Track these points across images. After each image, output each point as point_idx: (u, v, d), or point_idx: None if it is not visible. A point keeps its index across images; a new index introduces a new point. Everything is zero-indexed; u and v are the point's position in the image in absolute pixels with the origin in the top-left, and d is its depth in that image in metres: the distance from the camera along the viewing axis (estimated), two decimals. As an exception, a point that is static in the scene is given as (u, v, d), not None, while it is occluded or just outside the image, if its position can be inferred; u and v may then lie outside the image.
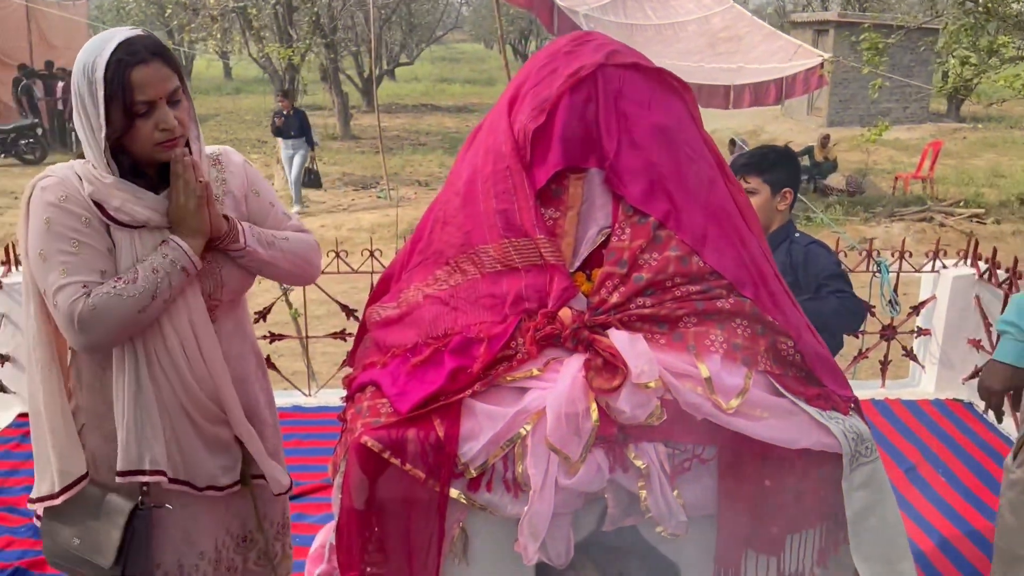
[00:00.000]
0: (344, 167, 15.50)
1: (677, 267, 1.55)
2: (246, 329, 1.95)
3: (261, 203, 1.92)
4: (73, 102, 1.66)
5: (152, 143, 1.67)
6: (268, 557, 2.07)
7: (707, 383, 1.48)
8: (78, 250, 1.65)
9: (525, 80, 1.67)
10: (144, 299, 1.65)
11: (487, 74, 32.99)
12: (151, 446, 1.74)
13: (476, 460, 1.49)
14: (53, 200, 1.65)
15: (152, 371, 1.74)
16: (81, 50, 1.66)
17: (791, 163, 2.67)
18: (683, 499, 1.51)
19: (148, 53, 1.63)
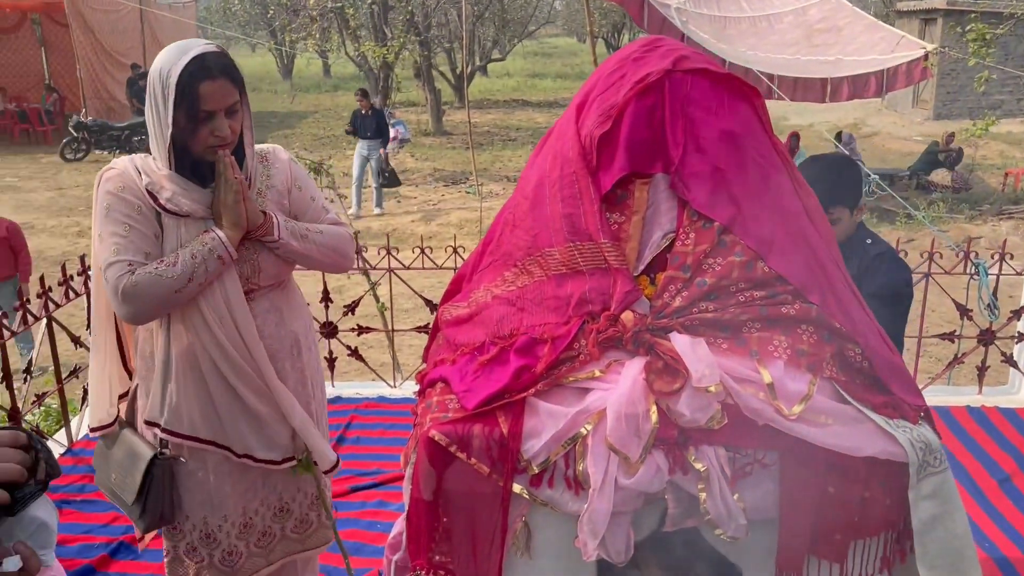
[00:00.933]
0: (435, 163, 15.78)
1: (741, 272, 1.56)
2: (284, 314, 2.12)
3: (303, 197, 2.13)
4: (147, 101, 1.89)
5: (205, 145, 1.90)
6: (303, 525, 2.24)
7: (769, 388, 1.48)
8: (128, 233, 1.89)
9: (594, 87, 1.70)
10: (181, 281, 1.87)
11: (579, 68, 32.88)
12: (175, 408, 1.99)
13: (538, 457, 1.53)
14: (112, 189, 1.90)
15: (190, 343, 1.97)
16: (160, 55, 1.89)
17: (855, 174, 2.58)
18: (744, 503, 1.51)
19: (217, 70, 1.86)
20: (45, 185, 13.76)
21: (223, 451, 2.03)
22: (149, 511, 2.00)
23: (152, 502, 2.00)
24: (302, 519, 2.22)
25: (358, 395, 4.42)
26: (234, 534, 2.10)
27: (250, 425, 2.04)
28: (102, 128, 15.44)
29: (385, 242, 4.41)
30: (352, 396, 4.40)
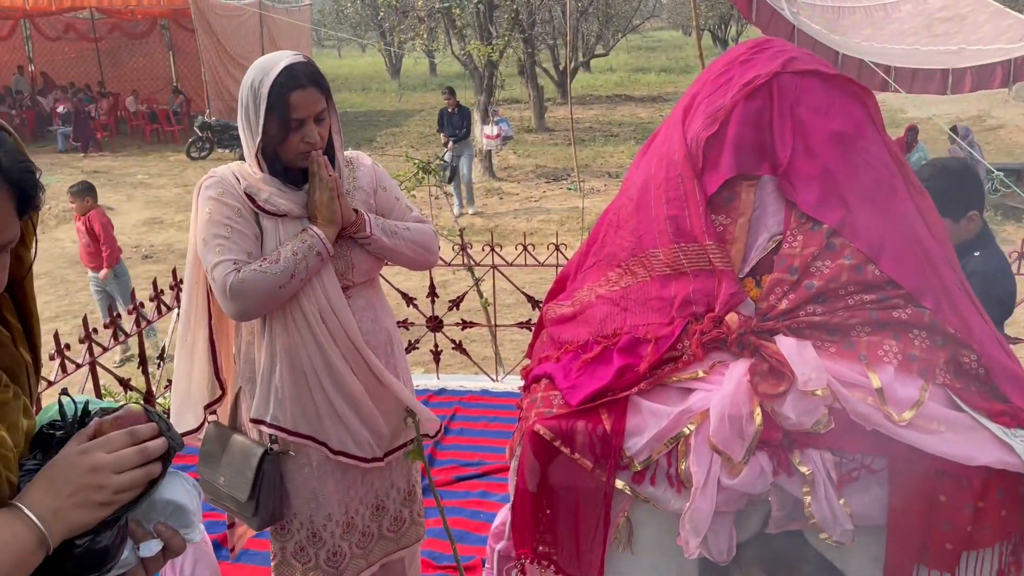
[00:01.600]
0: (537, 159, 15.86)
1: (851, 275, 1.54)
2: (378, 312, 2.20)
3: (387, 197, 2.22)
4: (239, 110, 2.00)
5: (296, 152, 1.99)
6: (397, 523, 2.31)
7: (878, 393, 1.47)
8: (231, 235, 1.98)
9: (700, 89, 1.71)
10: (284, 277, 1.95)
11: (683, 62, 32.33)
12: (279, 404, 2.08)
13: (640, 455, 1.56)
14: (213, 195, 2.00)
15: (290, 341, 2.05)
16: (251, 67, 2.00)
17: (967, 182, 2.43)
18: (850, 508, 1.50)
19: (306, 79, 1.95)
20: (173, 182, 14.61)
21: (320, 447, 2.11)
22: (262, 507, 2.08)
23: (264, 499, 2.08)
24: (396, 516, 2.30)
25: (462, 387, 4.54)
26: (338, 534, 2.18)
27: (348, 422, 2.11)
28: (224, 128, 16.24)
29: (489, 238, 4.51)
30: (456, 388, 4.52)
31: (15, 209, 0.98)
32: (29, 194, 0.99)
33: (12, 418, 1.04)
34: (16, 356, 1.09)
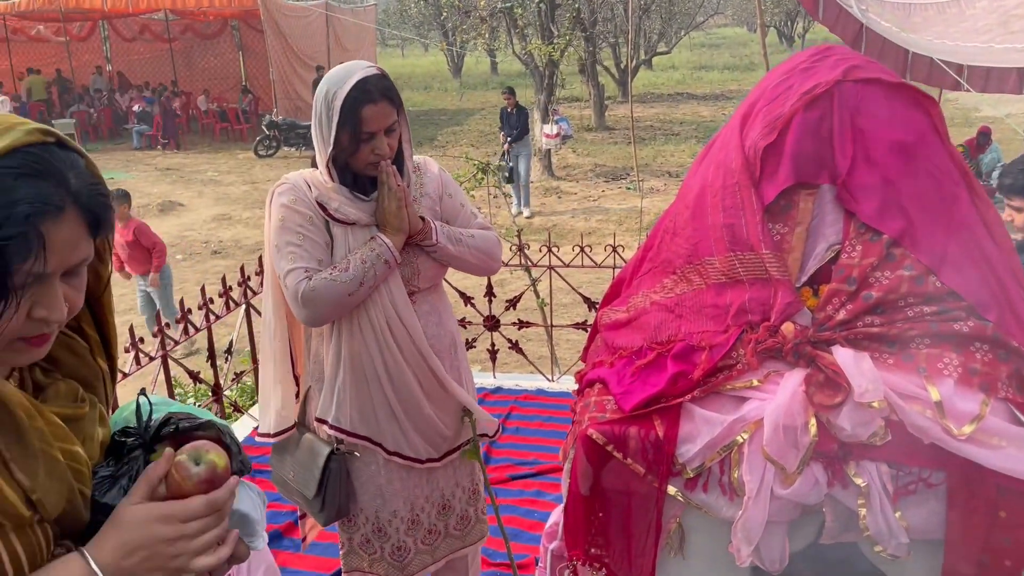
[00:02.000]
0: (596, 158, 15.82)
1: (911, 287, 1.52)
2: (442, 315, 2.25)
3: (453, 204, 2.25)
4: (312, 119, 2.06)
5: (366, 163, 2.04)
6: (463, 522, 2.35)
7: (937, 407, 1.45)
8: (302, 242, 2.04)
9: (759, 97, 1.71)
10: (353, 285, 2.01)
11: (747, 59, 31.81)
12: (340, 405, 2.15)
13: (693, 462, 1.57)
14: (286, 203, 2.05)
15: (355, 345, 2.11)
16: (325, 77, 2.05)
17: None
18: (906, 521, 1.49)
19: (378, 94, 2.00)
20: (241, 179, 15.01)
21: (376, 448, 2.17)
22: (328, 504, 2.16)
23: (331, 496, 2.15)
24: (462, 515, 2.35)
25: (518, 387, 4.58)
26: (403, 530, 2.25)
27: (404, 426, 2.17)
28: (291, 126, 16.62)
29: (546, 238, 4.53)
30: (512, 387, 4.57)
31: (87, 230, 1.00)
32: (100, 217, 1.01)
33: (88, 431, 1.08)
34: (93, 367, 1.13)
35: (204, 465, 1.05)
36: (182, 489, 1.03)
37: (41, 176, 0.94)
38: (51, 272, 0.96)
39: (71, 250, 0.97)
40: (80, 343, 1.12)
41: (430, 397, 2.17)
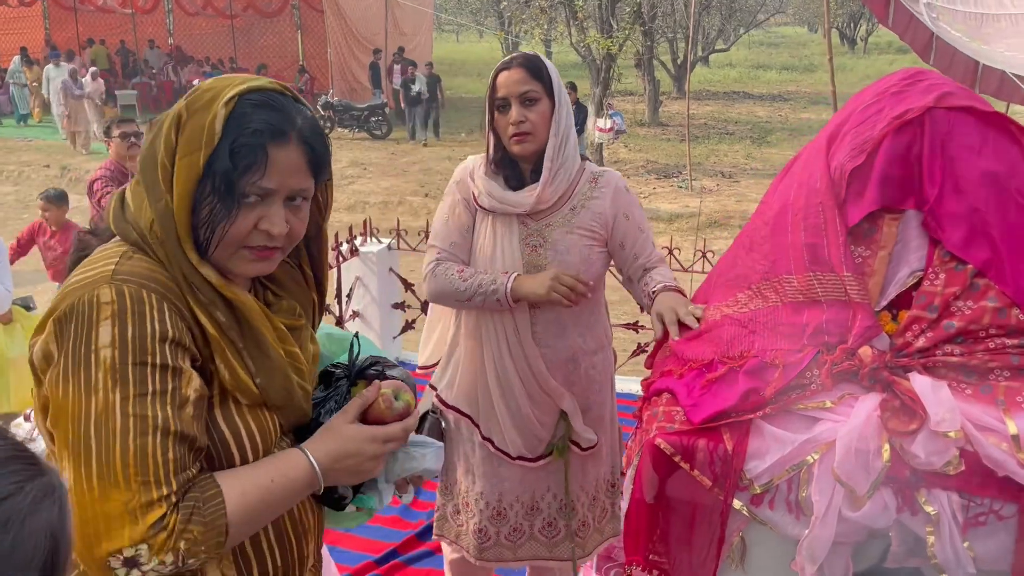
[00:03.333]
0: (648, 154, 15.72)
1: (993, 318, 1.52)
2: (567, 328, 2.24)
3: (630, 227, 2.23)
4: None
5: (508, 135, 2.13)
6: (550, 528, 2.36)
7: (1014, 440, 1.45)
8: (447, 221, 2.23)
9: (848, 118, 1.71)
10: (463, 296, 2.15)
11: (807, 60, 31.26)
12: (451, 379, 2.31)
13: (761, 478, 1.59)
14: (453, 181, 2.26)
15: (470, 335, 2.26)
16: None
17: None
18: (974, 551, 1.49)
19: (516, 62, 2.12)
20: (294, 158, 15.18)
21: (474, 428, 2.28)
22: None
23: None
24: (549, 521, 2.36)
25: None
26: (487, 515, 2.31)
27: (506, 421, 2.25)
28: (345, 108, 16.79)
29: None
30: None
31: (308, 165, 1.20)
32: (320, 157, 1.21)
33: (304, 341, 1.32)
34: (309, 297, 1.38)
35: (402, 401, 1.30)
36: (382, 417, 1.28)
37: (273, 109, 1.17)
38: (274, 190, 1.17)
39: (291, 175, 1.18)
40: (300, 276, 1.37)
41: (533, 400, 2.23)
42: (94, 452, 1.06)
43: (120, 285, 1.11)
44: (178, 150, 1.15)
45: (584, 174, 2.23)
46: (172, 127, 1.16)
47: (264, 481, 1.16)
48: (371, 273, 4.81)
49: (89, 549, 1.04)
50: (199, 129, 1.14)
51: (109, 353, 1.08)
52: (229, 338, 1.18)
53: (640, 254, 2.24)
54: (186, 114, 1.16)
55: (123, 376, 1.08)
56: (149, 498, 1.05)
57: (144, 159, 1.20)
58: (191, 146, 1.14)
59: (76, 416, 1.07)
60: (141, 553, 1.04)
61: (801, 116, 20.00)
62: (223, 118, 1.14)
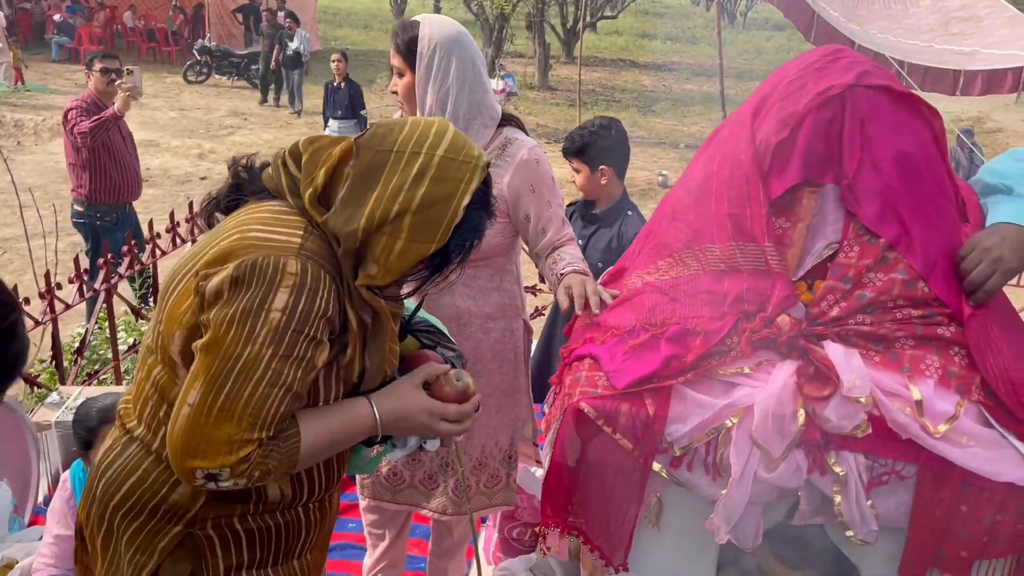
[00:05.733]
0: (538, 117, 15.76)
1: (902, 290, 1.60)
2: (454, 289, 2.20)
3: (535, 200, 2.20)
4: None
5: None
6: (431, 483, 2.38)
7: (917, 405, 1.54)
8: None
9: (771, 92, 1.74)
10: None
11: (690, 32, 32.00)
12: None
13: (681, 441, 1.63)
14: None
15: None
16: (446, 26, 2.18)
17: (606, 139, 2.71)
18: (876, 510, 1.58)
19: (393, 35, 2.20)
20: (168, 105, 14.36)
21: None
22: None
23: None
24: (431, 475, 2.38)
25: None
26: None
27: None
28: (224, 54, 15.96)
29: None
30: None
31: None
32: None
33: (395, 337, 1.54)
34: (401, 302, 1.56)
35: (462, 383, 1.50)
36: (443, 393, 1.47)
37: (485, 210, 1.42)
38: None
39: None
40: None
41: None
42: (227, 388, 1.24)
43: (305, 262, 1.28)
44: (407, 232, 1.31)
45: (496, 141, 2.18)
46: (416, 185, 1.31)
47: (335, 427, 1.37)
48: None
49: (183, 458, 1.26)
50: (435, 223, 1.32)
51: (278, 317, 1.25)
52: (363, 333, 1.38)
53: (548, 229, 2.20)
54: (428, 194, 1.32)
55: (280, 338, 1.26)
56: (249, 437, 1.25)
57: (362, 184, 1.33)
58: (424, 236, 1.32)
59: (228, 354, 1.25)
60: (223, 474, 1.26)
61: (685, 87, 20.51)
62: (458, 221, 1.34)
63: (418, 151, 1.33)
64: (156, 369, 1.40)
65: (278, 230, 1.32)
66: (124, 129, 5.65)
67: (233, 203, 1.45)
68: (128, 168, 5.60)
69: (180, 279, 1.36)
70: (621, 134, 2.92)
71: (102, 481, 1.46)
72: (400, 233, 1.30)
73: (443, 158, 1.33)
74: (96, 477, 1.48)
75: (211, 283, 1.28)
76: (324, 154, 1.38)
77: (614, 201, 2.94)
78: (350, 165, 1.34)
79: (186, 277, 1.35)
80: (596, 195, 2.87)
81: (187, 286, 1.33)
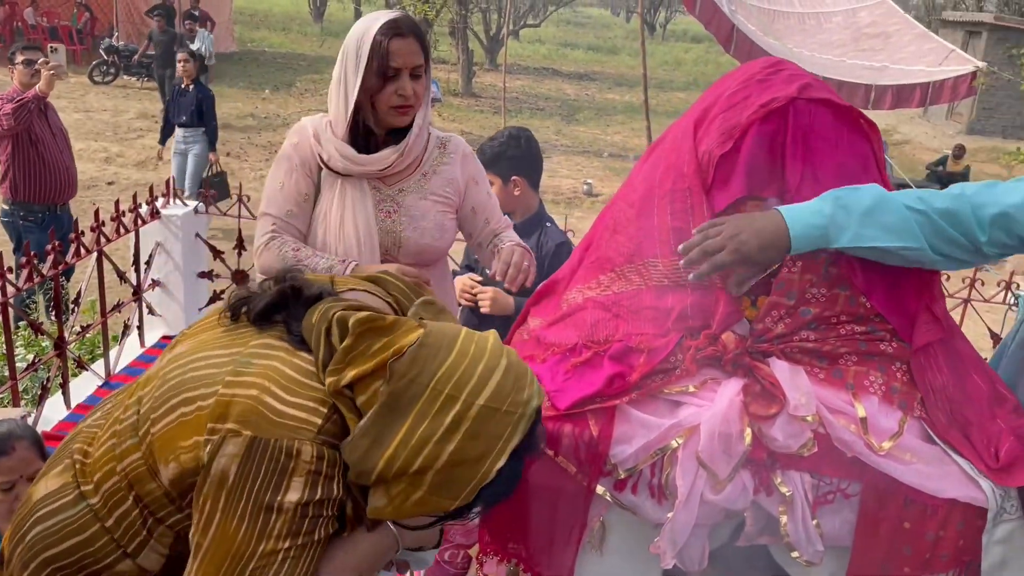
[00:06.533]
0: (462, 124, 15.70)
1: (845, 306, 1.58)
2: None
3: (479, 193, 2.25)
4: (337, 69, 2.02)
5: (389, 105, 2.00)
6: None
7: (862, 423, 1.52)
8: (282, 188, 2.09)
9: (714, 103, 1.71)
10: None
11: (611, 42, 32.53)
12: None
13: (625, 463, 1.57)
14: (288, 144, 2.11)
15: None
16: (354, 27, 2.03)
17: (516, 150, 2.72)
18: (822, 529, 1.56)
19: (407, 29, 1.98)
20: (73, 106, 13.72)
21: None
22: None
23: None
24: None
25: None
26: None
27: None
28: (133, 54, 15.34)
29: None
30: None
31: None
32: None
33: None
34: None
35: None
36: None
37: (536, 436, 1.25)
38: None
39: None
40: None
41: None
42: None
43: (322, 448, 1.15)
44: (427, 488, 1.15)
45: (432, 139, 2.18)
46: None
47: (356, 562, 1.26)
48: (174, 239, 4.40)
49: None
50: (461, 484, 1.16)
51: (293, 508, 1.13)
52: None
53: (491, 219, 2.28)
54: (458, 452, 1.15)
55: (298, 528, 1.14)
56: None
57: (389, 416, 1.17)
58: (446, 493, 1.17)
59: (239, 553, 1.13)
60: None
61: (607, 96, 20.77)
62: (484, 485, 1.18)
63: (456, 395, 1.15)
64: (134, 456, 1.25)
65: (300, 403, 1.17)
66: (54, 124, 5.40)
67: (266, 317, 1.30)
68: (57, 166, 5.34)
69: (189, 402, 1.20)
70: (532, 144, 2.87)
71: (38, 527, 1.31)
72: (420, 487, 1.15)
73: (484, 408, 1.15)
74: (29, 517, 1.33)
75: (218, 462, 1.13)
76: (365, 344, 1.19)
77: (531, 212, 2.89)
78: (381, 383, 1.17)
79: (195, 408, 1.19)
80: (511, 207, 2.81)
81: (193, 421, 1.18)
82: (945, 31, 16.13)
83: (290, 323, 1.28)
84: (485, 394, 1.15)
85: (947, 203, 1.51)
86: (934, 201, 1.52)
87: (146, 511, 1.25)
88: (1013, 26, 16.38)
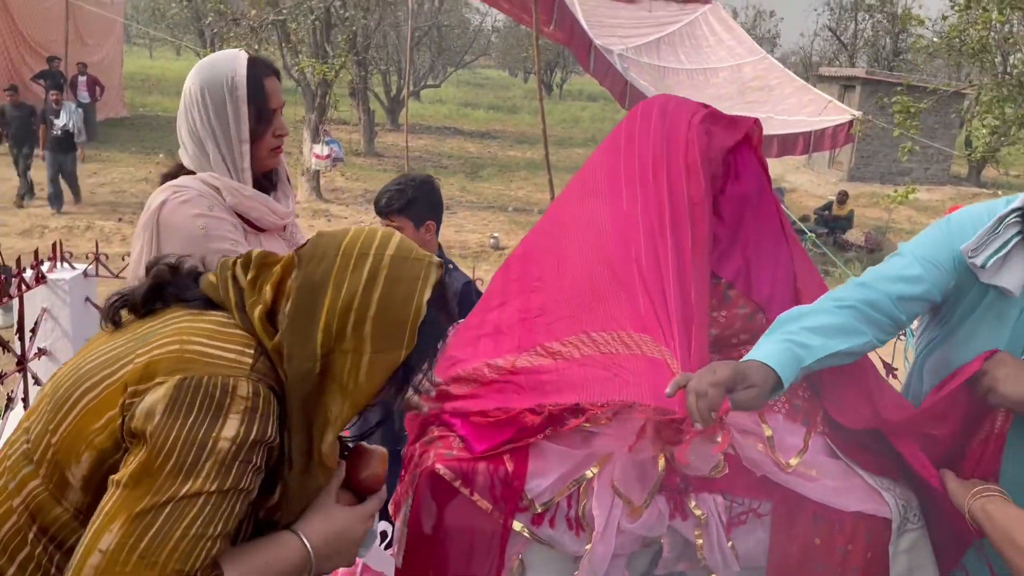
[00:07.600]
0: (366, 183, 15.65)
1: (743, 324, 1.63)
2: None
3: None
4: (201, 121, 1.80)
5: (270, 147, 1.87)
6: None
7: (769, 441, 1.55)
8: (236, 249, 1.79)
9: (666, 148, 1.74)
10: None
11: (511, 102, 33.29)
12: None
13: (542, 497, 1.55)
14: (202, 211, 1.79)
15: None
16: (203, 70, 1.81)
17: (428, 195, 2.75)
18: (737, 550, 1.57)
19: (270, 69, 1.85)
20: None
21: None
22: None
23: None
24: None
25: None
26: None
27: None
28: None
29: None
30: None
31: None
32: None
33: None
34: None
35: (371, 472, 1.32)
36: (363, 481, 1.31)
37: (444, 300, 1.27)
38: None
39: None
40: None
41: None
42: (154, 529, 1.06)
43: (257, 384, 1.13)
44: (371, 342, 1.16)
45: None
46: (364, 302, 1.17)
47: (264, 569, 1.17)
48: (62, 304, 4.17)
49: None
50: (399, 326, 1.18)
51: (227, 446, 1.09)
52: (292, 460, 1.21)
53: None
54: (385, 296, 1.18)
55: (227, 471, 1.09)
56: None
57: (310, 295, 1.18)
58: (390, 342, 1.17)
59: (162, 490, 1.07)
60: None
61: (509, 153, 21.14)
62: (422, 319, 1.19)
63: (366, 252, 1.20)
64: (33, 483, 1.16)
65: (226, 346, 1.15)
66: None
67: (150, 307, 1.24)
68: None
69: (93, 387, 1.14)
70: (437, 188, 2.88)
71: None
72: (363, 346, 1.16)
73: (394, 257, 1.21)
74: None
75: (144, 403, 1.09)
76: (268, 270, 1.23)
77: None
78: (292, 277, 1.19)
79: (103, 387, 1.13)
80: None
81: (104, 399, 1.12)
82: (822, 85, 17.19)
83: (183, 295, 1.25)
84: (392, 247, 1.21)
85: (863, 294, 1.57)
86: (852, 296, 1.57)
87: (51, 545, 1.15)
88: (883, 79, 17.62)
